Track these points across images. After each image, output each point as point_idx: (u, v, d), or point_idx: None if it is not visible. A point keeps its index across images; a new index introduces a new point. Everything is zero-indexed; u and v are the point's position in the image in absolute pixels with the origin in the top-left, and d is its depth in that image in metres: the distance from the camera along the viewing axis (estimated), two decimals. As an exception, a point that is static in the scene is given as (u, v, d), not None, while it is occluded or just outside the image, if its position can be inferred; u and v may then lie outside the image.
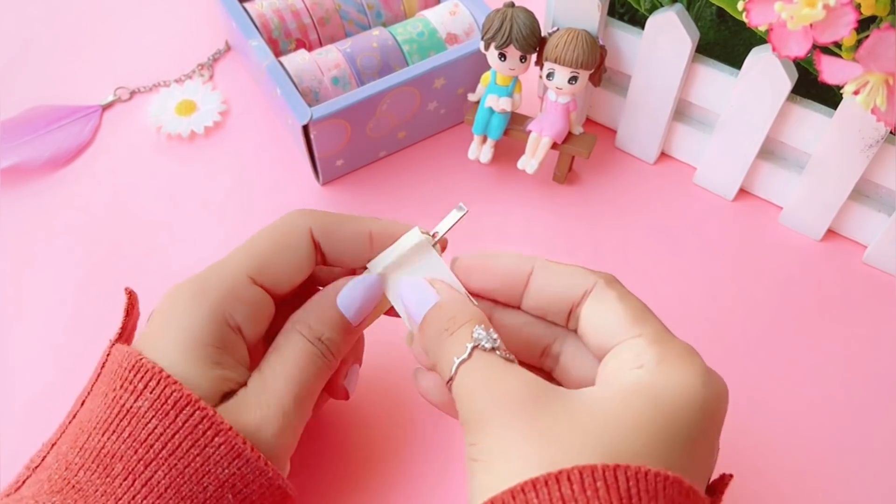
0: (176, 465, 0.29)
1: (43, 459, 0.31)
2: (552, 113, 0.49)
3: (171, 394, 0.30)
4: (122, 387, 0.30)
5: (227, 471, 0.30)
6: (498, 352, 0.30)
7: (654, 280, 0.48)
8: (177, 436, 0.30)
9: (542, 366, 0.34)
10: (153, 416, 0.30)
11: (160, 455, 0.29)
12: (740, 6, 0.35)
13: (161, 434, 0.30)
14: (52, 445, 0.31)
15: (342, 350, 0.35)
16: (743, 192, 0.52)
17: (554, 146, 0.50)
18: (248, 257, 0.34)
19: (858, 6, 0.32)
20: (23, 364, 0.45)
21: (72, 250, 0.50)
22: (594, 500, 0.24)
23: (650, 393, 0.27)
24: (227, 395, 0.32)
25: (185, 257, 0.50)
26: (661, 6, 0.46)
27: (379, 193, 0.53)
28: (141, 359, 0.30)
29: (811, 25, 0.33)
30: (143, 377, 0.30)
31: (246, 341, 0.33)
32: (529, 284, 0.33)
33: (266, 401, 0.32)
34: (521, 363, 0.31)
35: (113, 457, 0.30)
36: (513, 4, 0.48)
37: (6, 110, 0.57)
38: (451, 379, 0.30)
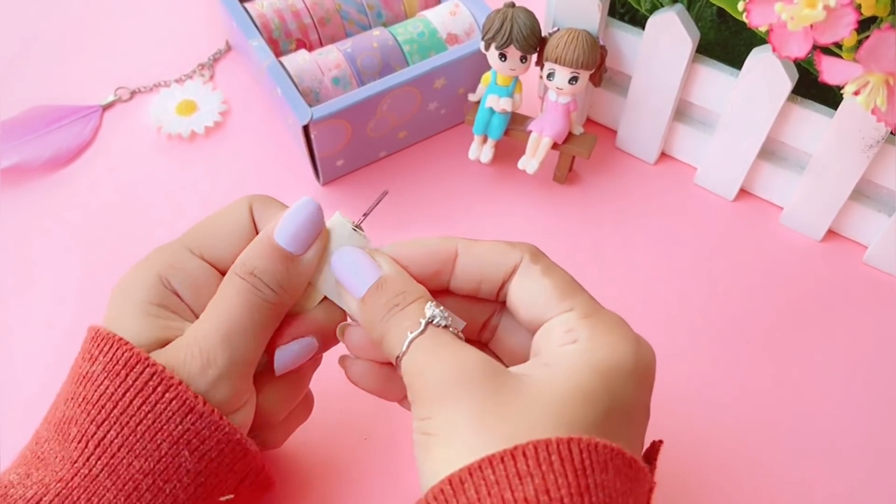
0: (128, 423, 0.30)
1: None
2: (552, 113, 0.49)
3: (122, 354, 0.30)
4: (83, 358, 0.31)
5: (179, 427, 0.30)
6: (451, 329, 0.30)
7: (655, 280, 0.48)
8: (127, 394, 0.30)
9: (479, 338, 0.35)
10: (105, 378, 0.30)
11: (112, 414, 0.30)
12: (741, 6, 0.35)
13: (112, 394, 0.30)
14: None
15: (284, 282, 0.33)
16: (743, 192, 0.52)
17: (554, 146, 0.50)
18: (188, 233, 0.34)
19: (859, 7, 0.32)
20: (23, 364, 0.45)
21: (72, 250, 0.50)
22: (550, 474, 0.24)
23: (591, 366, 0.28)
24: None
25: (185, 257, 0.50)
26: (662, 6, 0.46)
27: (379, 193, 0.53)
28: (98, 329, 0.31)
29: (811, 26, 0.33)
30: (99, 344, 0.31)
31: (191, 308, 0.33)
32: (455, 266, 0.32)
33: (191, 342, 0.31)
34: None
35: (69, 422, 0.30)
36: (513, 4, 0.48)
37: (6, 110, 0.57)
38: (400, 356, 0.30)
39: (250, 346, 0.32)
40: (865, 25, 0.33)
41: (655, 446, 0.31)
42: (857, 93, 0.34)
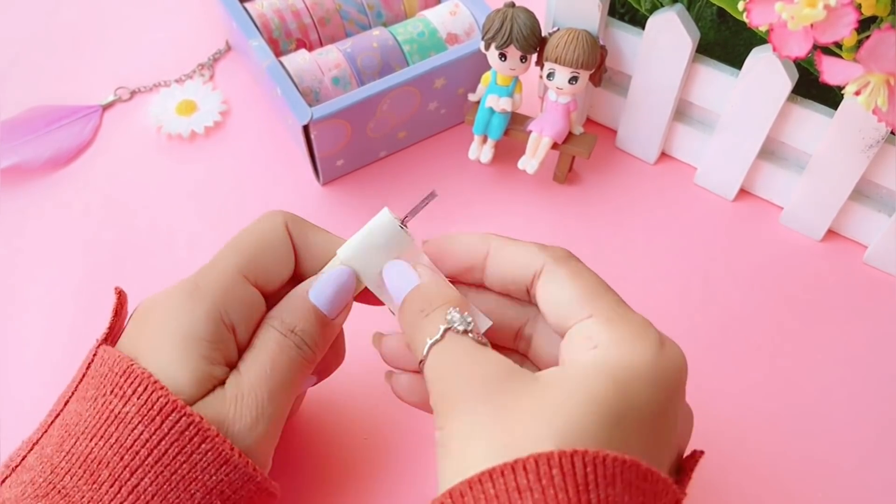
0: (162, 472, 0.29)
1: (23, 459, 0.31)
2: (552, 113, 0.49)
3: (158, 399, 0.29)
4: (111, 392, 0.30)
5: (214, 477, 0.30)
6: (470, 334, 0.30)
7: (655, 279, 0.48)
8: (163, 442, 0.29)
9: (516, 348, 0.35)
10: (139, 422, 0.29)
11: (146, 462, 0.29)
12: (741, 6, 0.35)
13: (147, 440, 0.29)
14: (34, 445, 0.31)
15: (319, 343, 0.34)
16: (743, 192, 0.52)
17: (554, 146, 0.50)
18: (238, 255, 0.34)
19: (859, 6, 0.32)
20: (22, 363, 0.45)
21: (72, 250, 0.50)
22: (550, 489, 0.24)
23: (606, 372, 0.27)
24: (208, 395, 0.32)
25: (185, 257, 0.50)
26: (662, 6, 0.46)
27: (379, 193, 0.53)
28: (132, 364, 0.30)
29: (812, 26, 0.33)
30: (132, 382, 0.30)
31: (238, 342, 0.33)
32: (486, 265, 0.33)
33: (240, 394, 0.31)
34: (496, 346, 0.31)
35: (100, 463, 0.29)
36: (513, 4, 0.48)
37: (6, 110, 0.57)
38: (422, 361, 0.30)
39: (289, 401, 0.33)
40: (866, 25, 0.33)
41: (695, 456, 0.30)
42: (857, 93, 0.34)
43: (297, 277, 0.36)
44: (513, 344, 0.34)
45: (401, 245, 0.34)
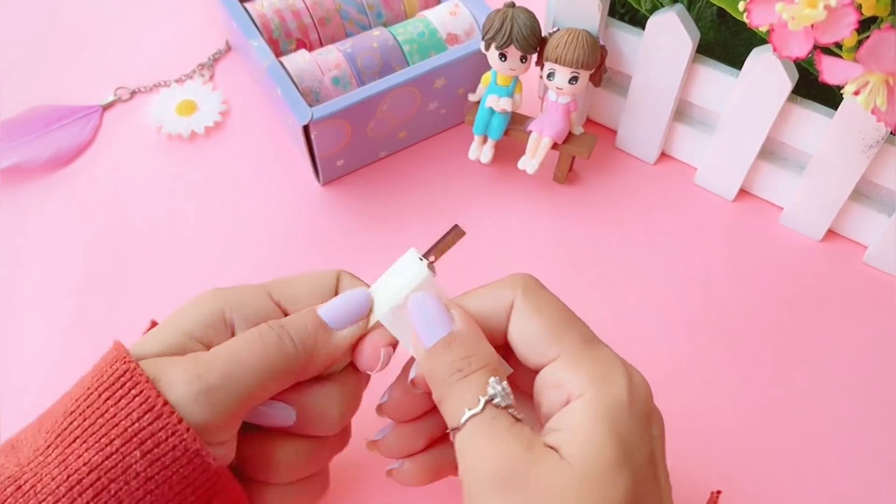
0: (90, 415, 0.29)
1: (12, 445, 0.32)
2: (552, 113, 0.49)
3: (110, 354, 0.30)
4: (92, 374, 0.31)
5: (136, 424, 0.28)
6: (510, 410, 0.29)
7: (654, 280, 0.48)
8: (99, 388, 0.29)
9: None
10: (90, 376, 0.30)
11: (80, 406, 0.29)
12: (741, 7, 0.35)
13: (87, 387, 0.30)
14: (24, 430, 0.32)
15: (307, 344, 0.32)
16: (743, 192, 0.52)
17: (554, 146, 0.50)
18: (272, 281, 0.34)
19: (859, 7, 0.32)
20: (22, 363, 0.45)
21: (72, 250, 0.50)
22: None
23: (603, 422, 0.27)
24: None
25: (185, 257, 0.50)
26: (662, 6, 0.46)
27: (379, 193, 0.53)
28: (124, 353, 0.30)
29: (812, 26, 0.33)
30: (109, 358, 0.30)
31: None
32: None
33: (195, 362, 0.30)
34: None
35: (49, 414, 0.30)
36: (513, 4, 0.48)
37: (6, 110, 0.57)
38: (456, 430, 0.29)
39: (249, 385, 0.31)
40: (866, 25, 0.33)
41: (714, 499, 0.30)
42: (856, 93, 0.34)
43: None
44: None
45: (425, 287, 0.33)
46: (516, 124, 0.51)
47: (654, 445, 0.29)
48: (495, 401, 0.29)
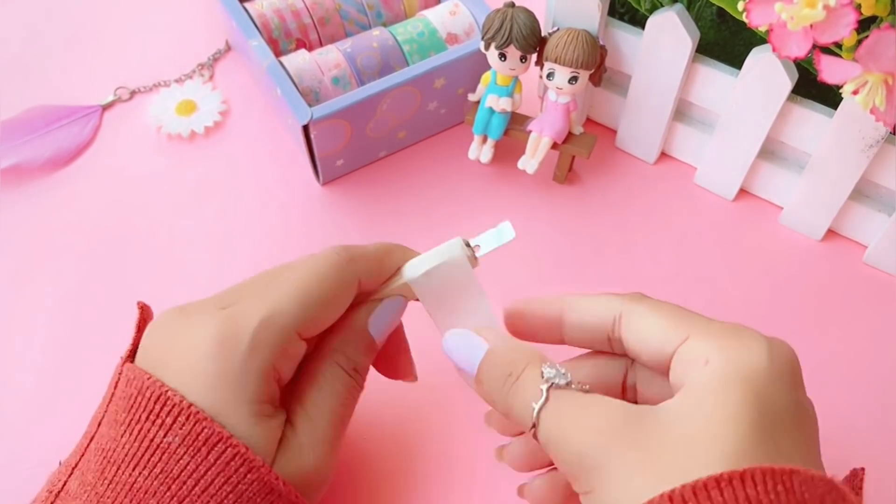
0: (209, 501, 0.29)
1: (64, 485, 0.30)
2: (552, 113, 0.49)
3: (202, 430, 0.29)
4: (147, 419, 0.30)
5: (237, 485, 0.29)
6: (574, 385, 0.28)
7: (654, 279, 0.48)
8: (209, 472, 0.29)
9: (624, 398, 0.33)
10: (185, 453, 0.29)
11: (193, 491, 0.29)
12: (741, 6, 0.35)
13: (193, 471, 0.29)
14: (73, 469, 0.31)
15: (367, 369, 0.35)
16: (743, 192, 0.52)
17: (554, 146, 0.50)
18: (300, 309, 0.32)
19: (859, 6, 0.32)
20: (22, 363, 0.45)
21: (72, 250, 0.50)
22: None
23: (723, 381, 0.26)
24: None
25: (185, 256, 0.50)
26: (662, 6, 0.46)
27: (379, 193, 0.53)
28: (166, 390, 0.30)
29: (811, 26, 0.33)
30: (170, 411, 0.29)
31: (279, 379, 0.33)
32: (564, 322, 0.32)
33: (317, 439, 0.32)
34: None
35: (146, 493, 0.29)
36: (513, 4, 0.48)
37: (6, 110, 0.57)
38: (533, 426, 0.28)
39: (347, 425, 0.34)
40: (865, 25, 0.33)
41: (857, 475, 0.30)
42: (855, 92, 0.34)
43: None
44: (622, 398, 0.33)
45: (465, 286, 0.34)
46: (516, 124, 0.51)
47: (805, 413, 0.27)
48: (556, 382, 0.28)
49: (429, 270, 0.34)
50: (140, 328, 0.34)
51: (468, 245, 0.34)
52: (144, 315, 0.35)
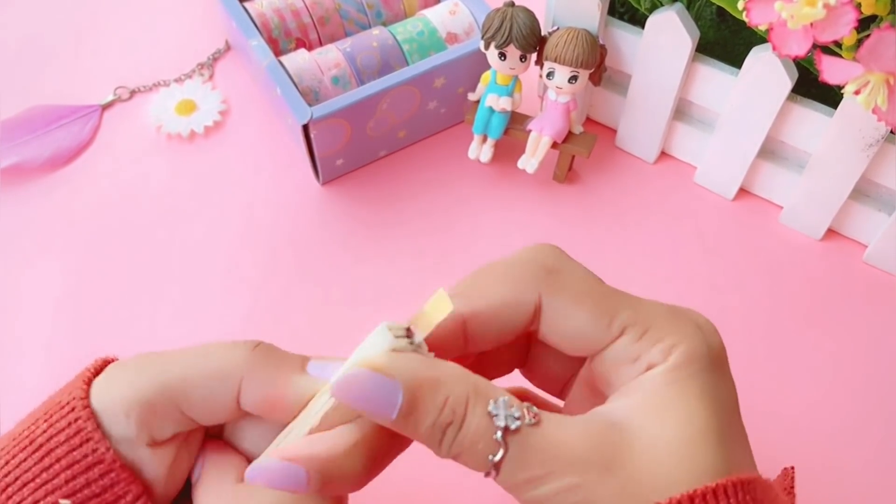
0: (38, 471, 0.27)
1: None
2: (552, 112, 0.49)
3: (66, 416, 0.28)
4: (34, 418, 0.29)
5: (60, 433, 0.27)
6: (527, 418, 0.24)
7: (654, 279, 0.48)
8: (49, 443, 0.27)
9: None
10: (42, 436, 0.28)
11: (23, 466, 0.27)
12: (740, 5, 0.35)
13: (36, 445, 0.28)
14: None
15: None
16: (743, 191, 0.52)
17: (554, 145, 0.50)
18: (172, 377, 0.28)
19: (859, 5, 0.32)
20: (20, 363, 0.45)
21: (71, 249, 0.50)
22: None
23: (686, 389, 0.25)
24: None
25: (185, 256, 0.50)
26: (662, 5, 0.46)
27: (379, 193, 0.53)
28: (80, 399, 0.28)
29: (811, 24, 0.33)
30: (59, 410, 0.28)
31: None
32: (470, 325, 0.27)
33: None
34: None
35: None
36: (513, 4, 0.48)
37: (6, 110, 0.57)
38: (496, 478, 0.25)
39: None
40: (865, 24, 0.33)
41: (788, 474, 0.30)
42: (857, 92, 0.34)
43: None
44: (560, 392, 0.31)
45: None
46: (516, 123, 0.51)
47: (735, 397, 0.28)
48: (512, 426, 0.24)
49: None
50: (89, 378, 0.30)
51: (403, 332, 0.26)
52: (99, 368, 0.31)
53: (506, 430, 0.24)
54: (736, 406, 0.28)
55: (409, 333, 0.26)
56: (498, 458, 0.24)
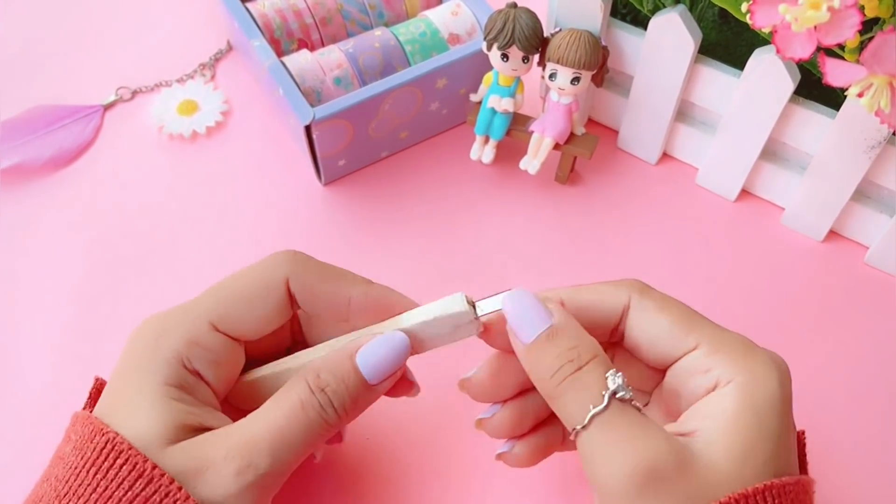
0: (83, 493, 0.28)
1: None
2: (554, 113, 0.49)
3: (87, 428, 0.29)
4: (64, 439, 0.30)
5: (129, 493, 0.27)
6: (634, 403, 0.28)
7: (656, 280, 0.48)
8: (86, 465, 0.28)
9: None
10: (75, 455, 0.29)
11: (72, 487, 0.28)
12: (744, 7, 0.35)
13: (74, 466, 0.28)
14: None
15: (349, 408, 0.31)
16: (745, 192, 0.52)
17: (556, 147, 0.50)
18: (213, 303, 0.32)
19: (862, 8, 0.32)
20: (22, 364, 0.45)
21: (73, 250, 0.50)
22: None
23: (748, 416, 0.27)
24: (196, 432, 0.30)
25: (186, 257, 0.50)
26: (664, 7, 0.46)
27: (381, 194, 0.53)
28: (76, 414, 0.30)
29: (815, 27, 0.33)
30: (74, 426, 0.30)
31: (212, 387, 0.32)
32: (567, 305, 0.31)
33: (234, 444, 0.29)
34: None
35: (39, 501, 0.29)
36: (515, 5, 0.48)
37: (7, 110, 0.57)
38: (579, 430, 0.28)
39: (295, 460, 0.30)
40: (868, 27, 0.33)
41: (800, 439, 0.31)
42: (860, 95, 0.34)
43: (303, 322, 0.35)
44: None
45: (466, 331, 0.32)
46: (518, 124, 0.51)
47: (793, 434, 0.29)
48: (619, 394, 0.27)
49: (427, 321, 0.32)
50: (92, 397, 0.33)
51: (471, 304, 0.32)
52: (98, 388, 0.34)
53: (614, 393, 0.27)
54: (794, 446, 0.29)
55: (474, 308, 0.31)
56: (596, 410, 0.27)
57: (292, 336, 0.36)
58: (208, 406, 0.31)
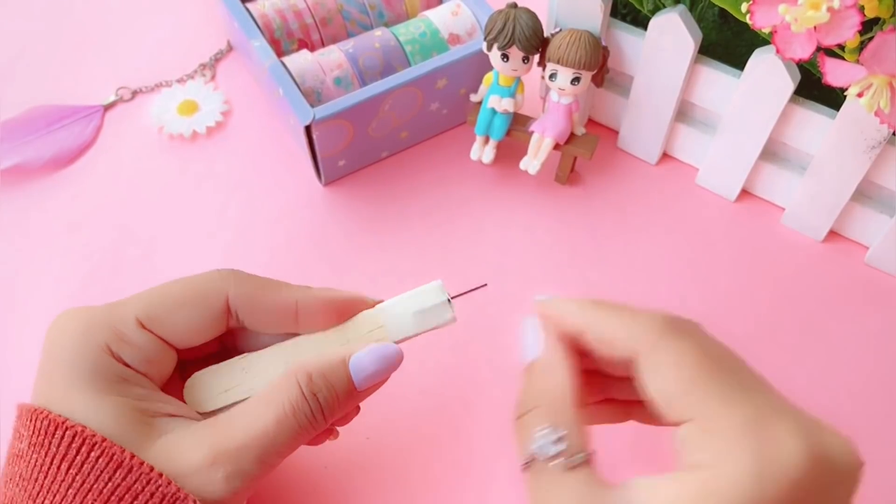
0: (58, 490, 0.28)
1: None
2: (554, 113, 0.49)
3: (41, 422, 0.29)
4: (13, 436, 0.30)
5: (109, 483, 0.28)
6: (560, 460, 0.26)
7: (656, 280, 0.48)
8: (55, 461, 0.28)
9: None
10: (33, 452, 0.29)
11: (44, 485, 0.28)
12: (744, 8, 0.35)
13: (41, 465, 0.28)
14: None
15: (334, 414, 0.32)
16: (745, 192, 0.52)
17: (556, 147, 0.50)
18: (143, 303, 0.32)
19: (862, 8, 0.32)
20: (22, 365, 0.45)
21: (73, 250, 0.50)
22: None
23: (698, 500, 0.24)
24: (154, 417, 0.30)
25: (186, 257, 0.50)
26: (664, 7, 0.46)
27: (381, 194, 0.53)
28: (21, 406, 0.30)
29: (815, 28, 0.33)
30: (22, 417, 0.30)
31: (151, 378, 0.32)
32: (583, 342, 0.30)
33: (220, 450, 0.29)
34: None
35: (10, 503, 0.29)
36: (515, 5, 0.48)
37: (7, 110, 0.57)
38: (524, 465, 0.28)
39: (276, 465, 0.31)
40: (868, 27, 0.33)
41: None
42: (860, 95, 0.34)
43: (242, 333, 0.35)
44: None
45: (439, 319, 0.34)
46: (518, 125, 0.51)
47: None
48: (542, 453, 0.26)
49: (401, 306, 0.33)
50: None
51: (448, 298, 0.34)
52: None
53: (532, 459, 0.27)
54: None
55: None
56: (523, 462, 0.27)
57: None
58: (155, 393, 0.31)
